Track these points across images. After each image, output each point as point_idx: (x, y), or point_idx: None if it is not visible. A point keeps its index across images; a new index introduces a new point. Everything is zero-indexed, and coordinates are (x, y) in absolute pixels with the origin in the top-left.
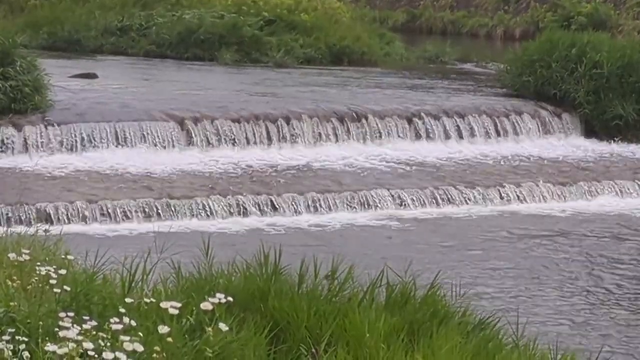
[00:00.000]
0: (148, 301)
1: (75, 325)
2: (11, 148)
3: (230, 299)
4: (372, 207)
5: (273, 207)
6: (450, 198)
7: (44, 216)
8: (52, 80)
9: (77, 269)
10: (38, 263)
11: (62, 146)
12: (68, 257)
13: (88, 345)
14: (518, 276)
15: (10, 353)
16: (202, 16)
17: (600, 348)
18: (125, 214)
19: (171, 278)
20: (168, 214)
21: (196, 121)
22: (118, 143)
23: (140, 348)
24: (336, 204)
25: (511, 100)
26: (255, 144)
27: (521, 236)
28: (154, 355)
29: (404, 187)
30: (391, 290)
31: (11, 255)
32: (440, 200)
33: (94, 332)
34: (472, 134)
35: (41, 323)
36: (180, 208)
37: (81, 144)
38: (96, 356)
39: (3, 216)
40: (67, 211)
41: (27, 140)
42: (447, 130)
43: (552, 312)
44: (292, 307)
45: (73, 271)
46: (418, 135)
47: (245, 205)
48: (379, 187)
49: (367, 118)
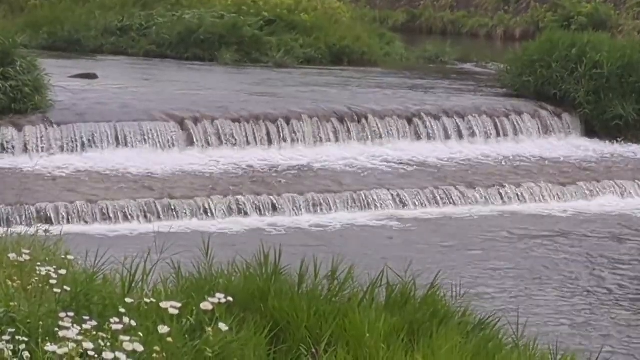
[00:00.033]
0: (148, 301)
1: (75, 325)
2: (11, 148)
3: (230, 299)
4: (373, 207)
5: (273, 207)
6: (450, 198)
7: (44, 216)
8: (52, 80)
9: (77, 269)
10: (38, 263)
11: (63, 146)
12: (68, 257)
13: (88, 345)
14: (518, 276)
15: (10, 353)
16: (202, 16)
17: (600, 348)
18: (125, 214)
19: (171, 278)
20: (168, 214)
21: (196, 121)
22: (118, 143)
23: (140, 348)
24: (336, 204)
25: (511, 100)
26: (255, 144)
27: (521, 236)
28: (154, 355)
29: (404, 187)
30: (391, 290)
31: (11, 255)
32: (440, 200)
33: (94, 332)
34: (472, 134)
35: (41, 323)
36: (180, 208)
37: (81, 144)
38: (96, 356)
39: (3, 216)
40: (68, 211)
41: (27, 140)
42: (447, 130)
43: (553, 312)
44: (292, 307)
45: (73, 271)
46: (418, 135)
47: (245, 205)
48: (379, 187)
49: (367, 118)
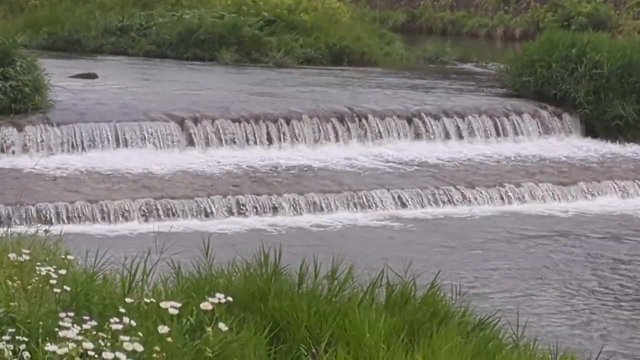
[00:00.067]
0: (148, 301)
1: (75, 325)
2: (11, 148)
3: (230, 299)
4: (373, 207)
5: (273, 207)
6: (450, 198)
7: (44, 216)
8: (52, 80)
9: (77, 269)
10: (38, 263)
11: (63, 146)
12: (68, 257)
13: (88, 345)
14: (518, 276)
15: (10, 353)
16: (202, 16)
17: (600, 348)
18: (125, 214)
19: (171, 278)
20: (168, 214)
21: (196, 121)
22: (118, 143)
23: (140, 348)
24: (336, 204)
25: (511, 100)
26: (255, 144)
27: (521, 236)
28: (154, 355)
29: (404, 187)
30: (391, 290)
31: (11, 255)
32: (440, 200)
33: (94, 332)
34: (472, 134)
35: (41, 323)
36: (180, 208)
37: (81, 144)
38: (96, 356)
39: (3, 216)
40: (67, 211)
41: (28, 140)
42: (447, 130)
43: (553, 312)
44: (292, 307)
45: (73, 271)
46: (418, 135)
47: (245, 205)
48: (379, 187)
49: (368, 118)
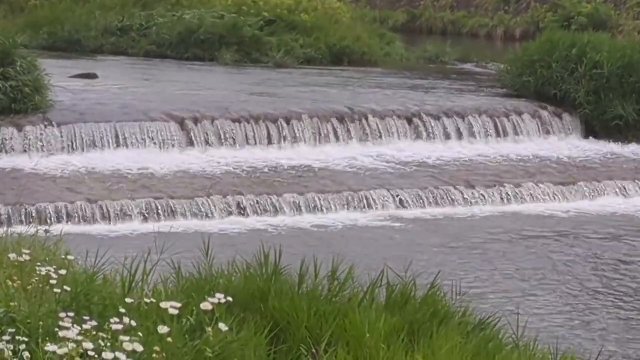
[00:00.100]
0: (148, 301)
1: (75, 325)
2: (11, 148)
3: (230, 299)
4: (372, 208)
5: (273, 207)
6: (450, 198)
7: (44, 216)
8: (52, 80)
9: (77, 269)
10: (38, 263)
11: (63, 146)
12: (68, 257)
13: (88, 345)
14: (518, 276)
15: (10, 353)
16: (202, 16)
17: (600, 348)
18: (125, 214)
19: (171, 278)
20: (168, 214)
21: (196, 121)
22: (118, 143)
23: (140, 348)
24: (336, 204)
25: (511, 100)
26: (255, 144)
27: (521, 236)
28: (154, 355)
29: (404, 187)
30: (391, 290)
31: (11, 255)
32: (440, 200)
33: (94, 332)
34: (472, 134)
35: (41, 323)
36: (180, 208)
37: (81, 144)
38: (96, 356)
39: (3, 216)
40: (67, 211)
41: (28, 140)
42: (447, 130)
43: (553, 312)
44: (292, 307)
45: (73, 271)
46: (418, 135)
47: (245, 205)
48: (379, 187)
49: (367, 118)
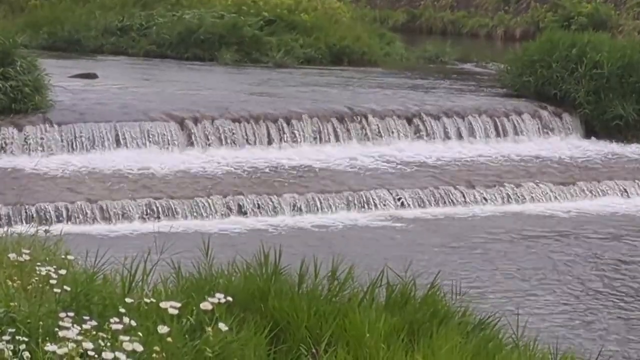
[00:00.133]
0: (148, 301)
1: (75, 325)
2: (11, 148)
3: (230, 299)
4: (373, 207)
5: (273, 207)
6: (450, 198)
7: (44, 216)
8: (53, 80)
9: (77, 269)
10: (38, 263)
11: (63, 146)
12: (68, 257)
13: (88, 345)
14: (518, 276)
15: (10, 353)
16: (202, 16)
17: (600, 348)
18: (125, 214)
19: (171, 278)
20: (168, 214)
21: (196, 121)
22: (118, 143)
23: (140, 348)
24: (336, 204)
25: (511, 100)
26: (255, 144)
27: (521, 236)
28: (154, 355)
29: (404, 187)
30: (391, 290)
31: (11, 255)
32: (440, 200)
33: (94, 332)
34: (473, 134)
35: (41, 323)
36: (180, 208)
37: (81, 144)
38: (96, 356)
39: (3, 216)
40: (67, 211)
41: (28, 140)
42: (447, 130)
43: (553, 313)
44: (292, 307)
45: (73, 271)
46: (418, 135)
47: (245, 205)
48: (379, 187)
49: (368, 118)
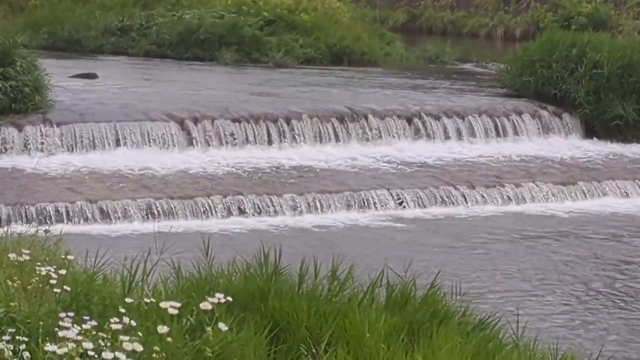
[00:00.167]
0: (148, 301)
1: (75, 325)
2: (11, 148)
3: (230, 299)
4: (373, 207)
5: (273, 208)
6: (450, 198)
7: (44, 216)
8: (53, 80)
9: (77, 269)
10: (38, 263)
11: (63, 146)
12: (68, 257)
13: (88, 345)
14: (519, 276)
15: (10, 353)
16: (202, 16)
17: (600, 348)
18: (125, 214)
19: (171, 278)
20: (168, 214)
21: (196, 121)
22: (118, 143)
23: (140, 348)
24: (336, 204)
25: (511, 100)
26: (255, 144)
27: (521, 236)
28: (154, 355)
29: (404, 187)
30: (391, 290)
31: (11, 255)
32: (440, 200)
33: (94, 332)
34: (473, 134)
35: (41, 323)
36: (180, 208)
37: (81, 144)
38: (96, 356)
39: (3, 216)
40: (68, 211)
41: (28, 140)
42: (447, 130)
43: (553, 313)
44: (292, 307)
45: (73, 271)
46: (418, 135)
47: (245, 205)
48: (379, 187)
49: (368, 118)
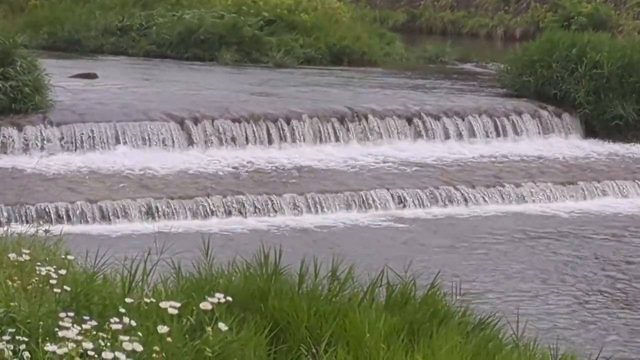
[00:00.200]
0: (148, 301)
1: (75, 325)
2: (11, 148)
3: (230, 299)
4: (373, 207)
5: (273, 207)
6: (450, 198)
7: (44, 216)
8: (53, 80)
9: (77, 269)
10: (38, 263)
11: (63, 146)
12: (68, 257)
13: (88, 345)
14: (518, 276)
15: (10, 353)
16: (202, 16)
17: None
18: (125, 214)
19: (171, 278)
20: (168, 214)
21: (196, 121)
22: (118, 143)
23: (140, 348)
24: (336, 204)
25: (511, 100)
26: (255, 144)
27: (522, 237)
28: (154, 355)
29: (404, 187)
30: (391, 290)
31: (11, 255)
32: (440, 200)
33: (94, 332)
34: (473, 134)
35: (41, 323)
36: (180, 208)
37: (81, 144)
38: (96, 356)
39: (3, 216)
40: (68, 211)
41: (28, 140)
42: (448, 130)
43: (553, 313)
44: (292, 307)
45: (73, 271)
46: (418, 135)
47: (245, 205)
48: (379, 187)
49: (368, 118)
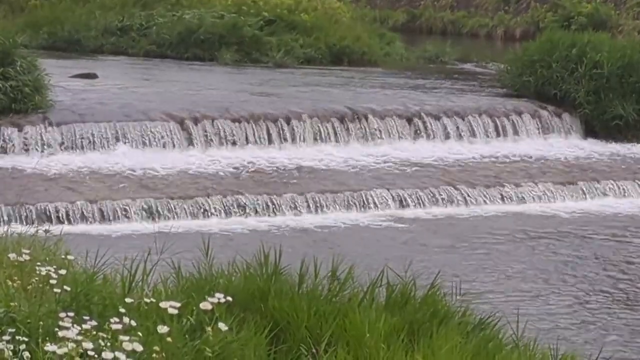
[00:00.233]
0: (148, 301)
1: (75, 325)
2: (11, 148)
3: (230, 299)
4: (373, 207)
5: (273, 207)
6: (450, 198)
7: (44, 216)
8: (53, 80)
9: (77, 269)
10: (38, 263)
11: (63, 146)
12: (68, 257)
13: (88, 345)
14: (518, 276)
15: (10, 353)
16: (202, 16)
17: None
18: (125, 214)
19: (171, 278)
20: (168, 214)
21: (196, 121)
22: (118, 143)
23: (140, 348)
24: (336, 204)
25: (511, 100)
26: (255, 144)
27: (522, 237)
28: (154, 355)
29: (404, 187)
30: (391, 290)
31: (11, 255)
32: (440, 200)
33: (94, 332)
34: (472, 134)
35: (41, 323)
36: (180, 208)
37: (81, 144)
38: (96, 356)
39: (3, 216)
40: (68, 211)
41: (28, 140)
42: (448, 130)
43: (553, 313)
44: (292, 307)
45: (73, 271)
46: (418, 135)
47: (245, 205)
48: (379, 187)
49: (368, 118)
